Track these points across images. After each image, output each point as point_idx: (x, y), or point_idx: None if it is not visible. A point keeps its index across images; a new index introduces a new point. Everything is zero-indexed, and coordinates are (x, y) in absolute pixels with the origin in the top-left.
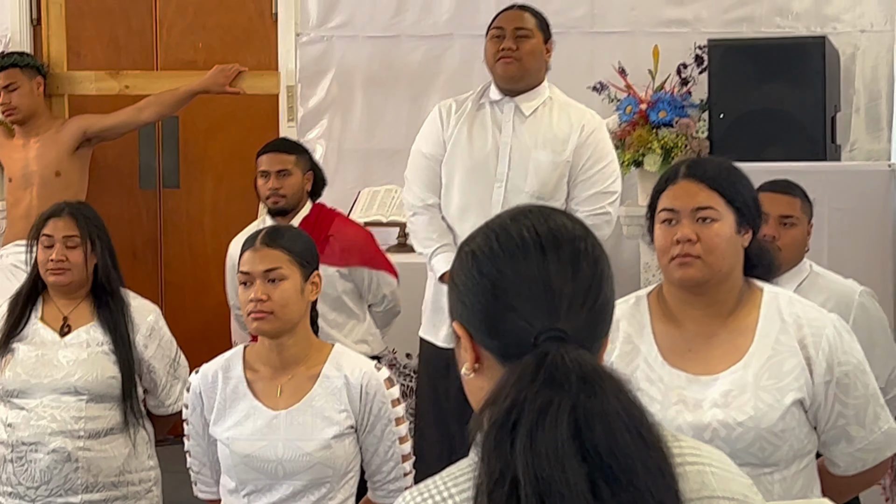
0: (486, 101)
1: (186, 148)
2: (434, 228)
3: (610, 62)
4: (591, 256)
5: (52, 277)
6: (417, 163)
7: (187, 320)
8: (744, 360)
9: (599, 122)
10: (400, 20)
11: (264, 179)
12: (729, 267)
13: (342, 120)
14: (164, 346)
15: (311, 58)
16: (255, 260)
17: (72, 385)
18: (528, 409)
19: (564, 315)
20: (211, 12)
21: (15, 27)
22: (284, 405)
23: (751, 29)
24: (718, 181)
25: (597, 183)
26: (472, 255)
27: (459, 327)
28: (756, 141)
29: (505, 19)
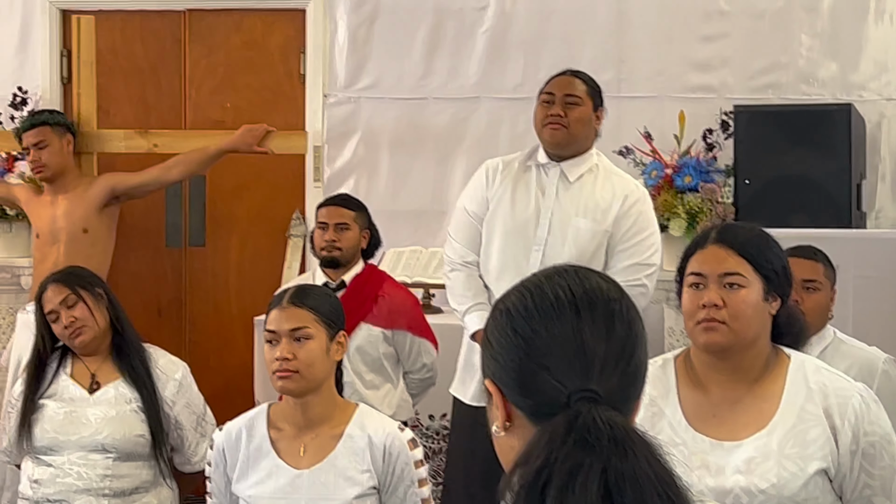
0: (532, 163)
1: (213, 207)
2: (470, 286)
3: (636, 126)
4: (625, 318)
5: (76, 340)
6: (460, 219)
7: (211, 379)
8: (768, 427)
9: (643, 193)
10: (427, 83)
11: (322, 231)
12: (754, 334)
13: (368, 181)
14: (192, 403)
15: (338, 119)
16: (282, 319)
17: (99, 443)
18: (559, 470)
19: (597, 376)
20: (240, 73)
21: (45, 85)
22: (307, 464)
23: (777, 95)
24: (748, 248)
25: (635, 254)
26: (506, 312)
27: (491, 385)
28: (781, 207)
29: (556, 85)
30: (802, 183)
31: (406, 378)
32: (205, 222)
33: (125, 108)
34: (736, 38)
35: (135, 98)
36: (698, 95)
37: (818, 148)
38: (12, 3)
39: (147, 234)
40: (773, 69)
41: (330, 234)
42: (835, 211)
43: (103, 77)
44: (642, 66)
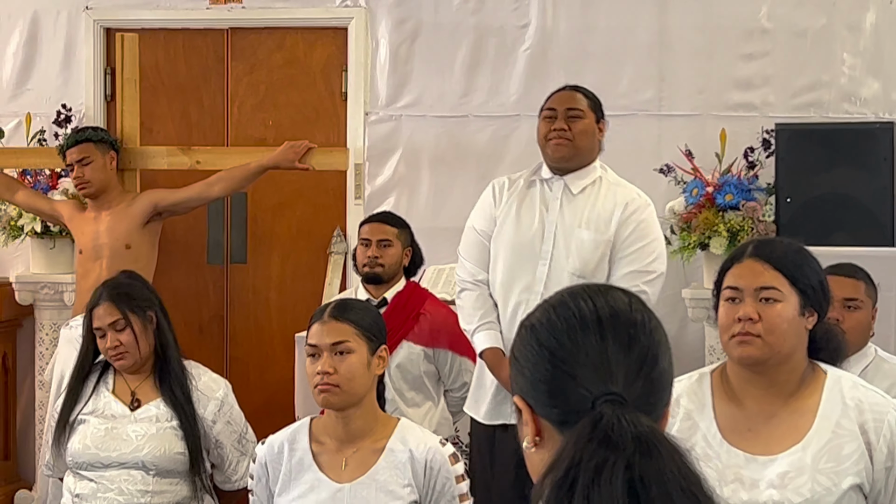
0: (536, 178)
1: (254, 224)
2: (479, 305)
3: (676, 144)
4: (647, 328)
5: (116, 363)
6: (469, 238)
7: (251, 395)
8: (803, 442)
9: (646, 201)
10: (468, 100)
11: (364, 247)
12: (790, 348)
13: (409, 198)
14: (233, 422)
15: (379, 136)
16: (323, 333)
17: (139, 460)
18: (585, 468)
19: (622, 382)
20: (281, 90)
21: (89, 103)
22: (349, 478)
23: (819, 114)
24: (784, 262)
25: (636, 261)
26: (531, 328)
27: (520, 401)
28: (823, 225)
29: (557, 100)
30: (844, 201)
31: (447, 396)
32: (246, 239)
33: (168, 126)
34: (778, 56)
35: (177, 115)
36: (740, 114)
37: (860, 166)
38: (57, 21)
39: (189, 251)
40: (815, 87)
41: (373, 251)
42: (877, 229)
43: (146, 94)
44: (683, 83)
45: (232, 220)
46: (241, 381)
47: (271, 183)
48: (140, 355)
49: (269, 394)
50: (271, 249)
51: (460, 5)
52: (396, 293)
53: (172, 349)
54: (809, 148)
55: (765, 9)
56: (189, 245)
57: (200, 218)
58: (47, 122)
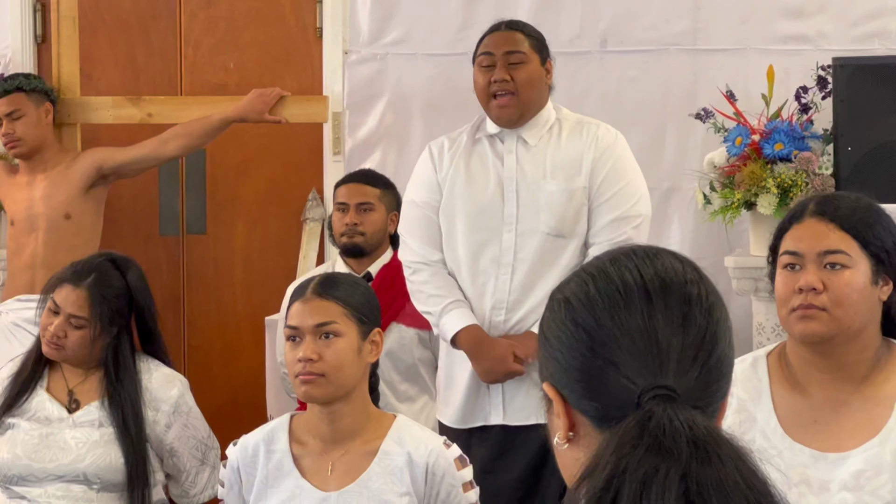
0: (482, 135)
1: (214, 187)
2: (440, 284)
3: (716, 85)
4: (704, 304)
5: (45, 347)
6: (410, 215)
7: (214, 392)
8: (881, 436)
9: (615, 134)
10: (467, 36)
11: (341, 213)
12: (861, 323)
13: (398, 153)
14: (190, 426)
15: (361, 80)
16: (305, 313)
17: (81, 471)
18: (630, 479)
19: (674, 372)
20: (244, 27)
21: (16, 45)
22: (336, 486)
23: (884, 46)
24: (853, 221)
25: (616, 206)
26: (565, 302)
27: (550, 389)
28: (892, 178)
29: (493, 43)
30: None
31: None
32: (205, 206)
33: (110, 72)
34: None
35: (121, 59)
36: (790, 47)
37: None
38: None
39: (138, 221)
40: (880, 14)
41: (351, 217)
42: None
43: (83, 35)
44: (722, 12)
45: (188, 184)
46: (202, 374)
47: (233, 138)
48: (74, 357)
49: (235, 390)
50: (235, 217)
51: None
52: (382, 266)
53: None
54: (874, 87)
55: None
56: (138, 213)
57: (151, 181)
58: None
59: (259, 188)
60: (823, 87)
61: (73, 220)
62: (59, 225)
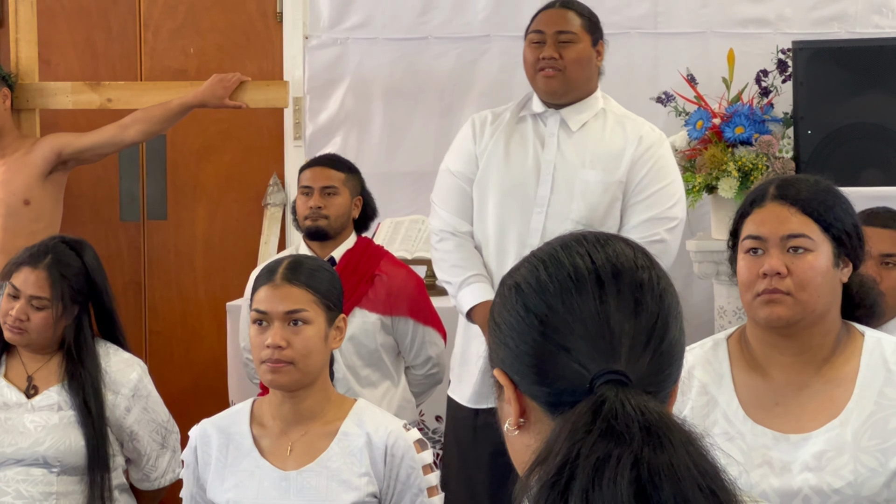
0: (527, 113)
1: (175, 173)
2: (464, 256)
3: (677, 68)
4: (656, 290)
5: (7, 333)
6: (445, 182)
7: (175, 377)
8: (841, 417)
9: (660, 135)
10: (428, 20)
11: (305, 197)
12: (824, 306)
13: (358, 138)
14: (150, 410)
15: (321, 64)
16: (275, 298)
17: (40, 455)
18: (583, 465)
19: (626, 357)
20: (204, 12)
21: None
22: (295, 465)
23: (844, 29)
24: (814, 204)
25: (654, 206)
26: (515, 288)
27: (501, 375)
28: (851, 161)
29: (545, 21)
30: (876, 133)
31: (408, 374)
32: (166, 191)
33: (69, 56)
34: None
35: (80, 44)
36: (750, 31)
37: (894, 90)
38: None
39: (97, 206)
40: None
41: (315, 200)
42: None
43: (42, 19)
44: None
45: (148, 169)
46: (163, 360)
47: (194, 123)
48: (38, 340)
49: (196, 375)
50: (196, 202)
51: None
52: (346, 251)
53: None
54: (833, 70)
55: None
56: (98, 199)
57: (111, 167)
58: None
59: (220, 173)
60: (783, 70)
61: (32, 206)
62: (18, 211)
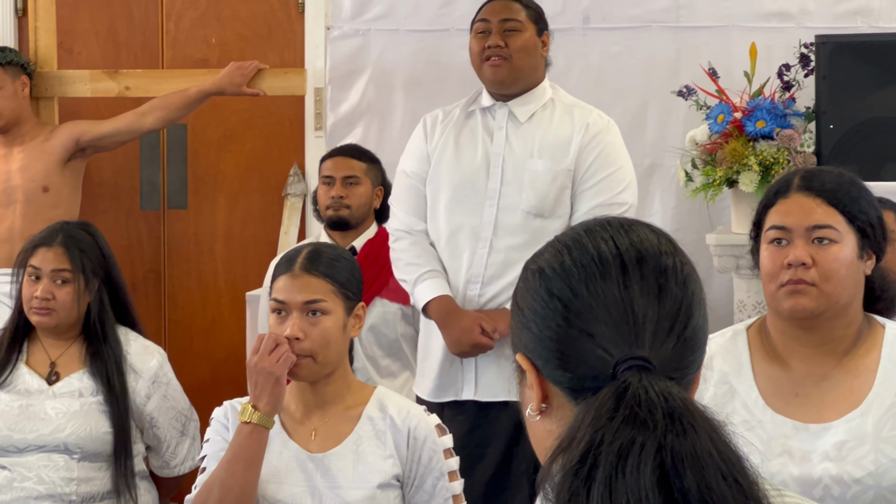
0: (476, 107)
1: (195, 162)
2: (419, 253)
3: (698, 62)
4: (680, 276)
5: (35, 317)
6: (400, 184)
7: (195, 365)
8: (862, 407)
9: (608, 121)
10: (449, 11)
11: (327, 186)
12: (848, 297)
13: (379, 128)
14: (170, 398)
15: (343, 55)
16: (293, 288)
17: (61, 441)
18: (606, 451)
19: (649, 342)
20: (226, 2)
21: None
22: (319, 449)
23: (867, 23)
24: (839, 196)
25: (602, 192)
26: (539, 273)
27: (524, 359)
28: (873, 156)
29: (490, 11)
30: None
31: None
32: (186, 180)
33: (92, 46)
34: None
35: (103, 33)
36: (773, 24)
37: None
38: None
39: (119, 195)
40: None
41: (337, 190)
42: None
43: (65, 9)
44: None
45: (169, 158)
46: (183, 348)
47: (215, 112)
48: (66, 319)
49: (215, 363)
50: (216, 192)
51: None
52: (367, 241)
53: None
54: (856, 64)
55: None
56: (119, 188)
57: (132, 155)
58: None
59: (240, 163)
60: (806, 64)
61: (50, 192)
62: (36, 197)
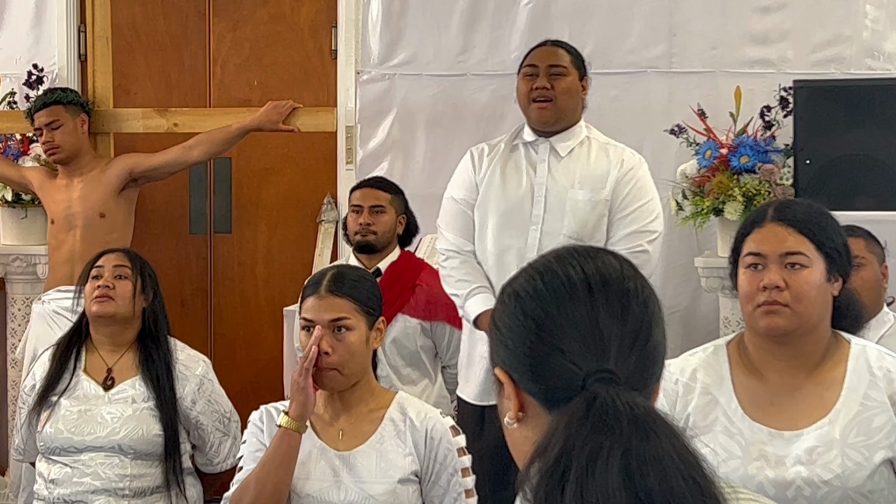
0: (519, 142)
1: (239, 191)
2: (469, 271)
3: (688, 104)
4: (640, 297)
5: (95, 306)
6: (449, 209)
7: (237, 373)
8: (830, 416)
9: (640, 159)
10: (466, 58)
11: (355, 214)
12: (817, 317)
13: (404, 162)
14: (213, 401)
15: (371, 97)
16: (320, 308)
17: (116, 443)
18: (578, 455)
19: (615, 357)
20: (267, 49)
21: (62, 63)
22: (346, 447)
23: (840, 70)
24: (809, 225)
25: (635, 220)
26: (515, 295)
27: (502, 373)
28: (845, 189)
29: (538, 56)
30: (867, 163)
31: (444, 373)
32: (231, 207)
33: (146, 87)
34: (796, 8)
35: (156, 76)
36: (755, 70)
37: (884, 125)
38: None
39: (169, 221)
40: (836, 42)
41: (364, 217)
42: None
43: (122, 54)
44: (695, 39)
45: (215, 187)
46: (227, 358)
47: (257, 147)
48: (123, 311)
49: (256, 372)
50: (257, 218)
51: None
52: (391, 263)
53: (164, 329)
54: (830, 106)
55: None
56: (170, 214)
57: (182, 185)
58: (18, 84)
59: (279, 193)
60: (785, 106)
61: (106, 218)
62: (94, 223)
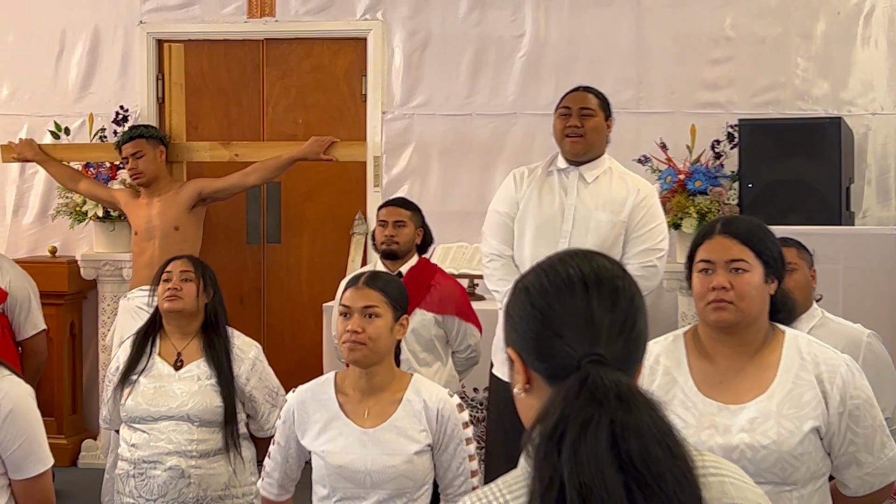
0: (553, 168)
1: (287, 208)
2: (509, 271)
3: (653, 138)
4: (627, 293)
5: (166, 304)
6: (493, 220)
7: (285, 357)
8: (768, 392)
9: (652, 189)
10: (471, 101)
11: (382, 228)
12: (757, 311)
13: (421, 186)
14: (263, 379)
15: (394, 132)
16: (356, 297)
17: (185, 413)
18: (572, 423)
19: (604, 342)
20: (310, 93)
21: (143, 104)
22: (371, 425)
23: (776, 111)
24: (750, 237)
25: (647, 240)
26: (525, 290)
27: (513, 352)
28: (780, 208)
29: (572, 100)
30: (798, 186)
31: (454, 357)
32: (280, 222)
33: (211, 124)
34: (740, 60)
35: (220, 115)
36: (707, 111)
37: (812, 156)
38: (115, 33)
39: (230, 232)
40: (773, 88)
41: (389, 231)
42: (827, 211)
43: (193, 97)
44: (658, 85)
45: (268, 205)
46: (276, 344)
47: (301, 173)
48: (189, 307)
49: (300, 356)
50: (302, 231)
51: (465, 18)
52: (410, 267)
53: (223, 320)
54: (768, 141)
55: (729, 19)
56: (230, 227)
57: (240, 203)
58: (107, 122)
59: (320, 210)
60: (731, 140)
61: (180, 230)
62: (170, 234)
